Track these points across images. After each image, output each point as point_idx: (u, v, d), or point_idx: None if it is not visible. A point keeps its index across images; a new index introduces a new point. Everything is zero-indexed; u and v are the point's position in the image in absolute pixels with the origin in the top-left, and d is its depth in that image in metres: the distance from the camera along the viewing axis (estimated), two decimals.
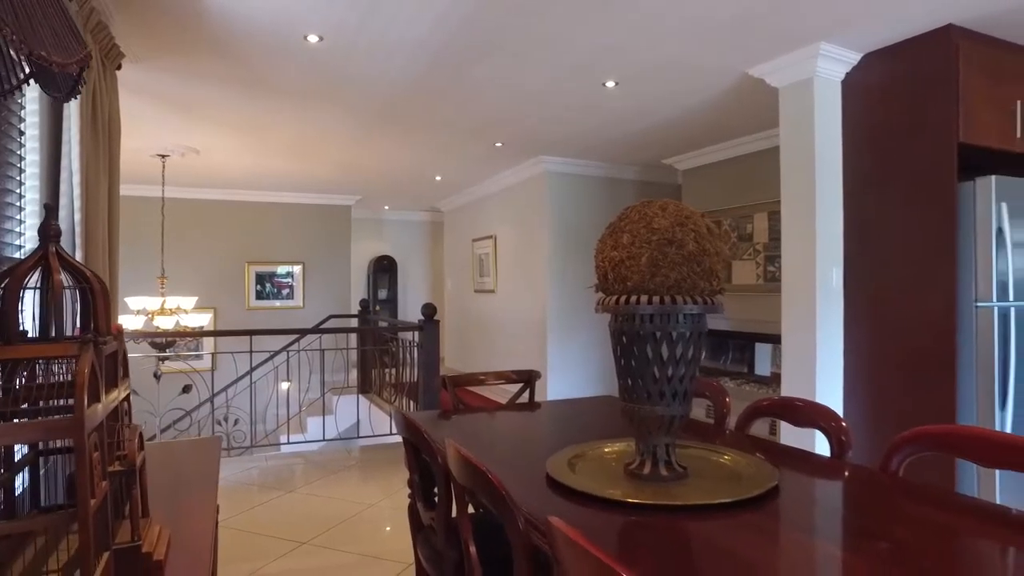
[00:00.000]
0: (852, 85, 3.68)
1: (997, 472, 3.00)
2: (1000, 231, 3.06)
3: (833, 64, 3.62)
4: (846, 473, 1.77)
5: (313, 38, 3.38)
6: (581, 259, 6.59)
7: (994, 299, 3.06)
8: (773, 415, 2.16)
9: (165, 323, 5.66)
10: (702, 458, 1.81)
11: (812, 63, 3.57)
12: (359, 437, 5.79)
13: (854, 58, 3.63)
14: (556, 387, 6.49)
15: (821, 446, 2.87)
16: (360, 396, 7.29)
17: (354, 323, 8.34)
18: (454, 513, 1.71)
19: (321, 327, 8.00)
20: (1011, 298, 3.06)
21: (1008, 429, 3.04)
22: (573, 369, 6.63)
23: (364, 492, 4.10)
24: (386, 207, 10.23)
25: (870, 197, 3.58)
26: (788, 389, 3.73)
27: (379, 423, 6.07)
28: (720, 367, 5.93)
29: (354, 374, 8.02)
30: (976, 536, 1.32)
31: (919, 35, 3.35)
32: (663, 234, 1.59)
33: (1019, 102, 3.40)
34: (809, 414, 2.05)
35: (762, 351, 5.53)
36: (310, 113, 4.77)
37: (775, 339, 5.09)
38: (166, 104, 4.51)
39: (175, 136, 5.38)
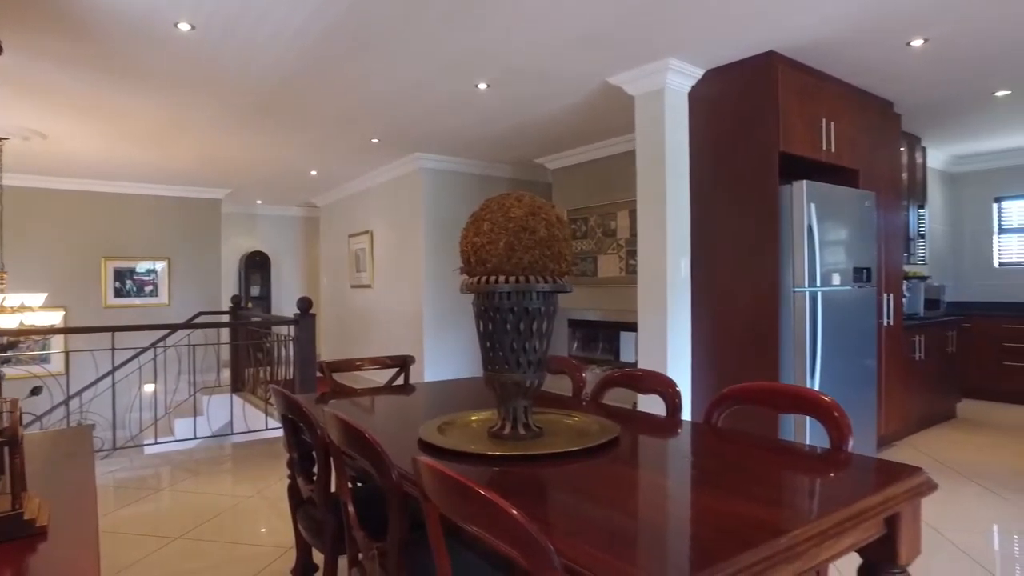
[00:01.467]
0: (697, 97, 4.14)
1: (807, 419, 3.53)
2: (810, 228, 3.59)
3: (681, 77, 4.05)
4: (677, 428, 2.09)
5: (184, 26, 3.35)
6: (456, 254, 6.80)
7: (806, 285, 3.59)
8: (621, 385, 2.46)
9: (6, 323, 5.25)
10: (556, 421, 2.07)
11: (663, 75, 3.98)
12: (233, 434, 5.67)
13: (698, 73, 4.09)
14: (433, 376, 6.67)
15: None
16: (233, 395, 7.09)
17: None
18: (333, 487, 1.85)
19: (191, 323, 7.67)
20: (819, 284, 3.61)
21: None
22: (449, 358, 6.84)
23: (238, 486, 4.08)
24: (259, 201, 9.94)
25: (712, 196, 4.05)
26: (643, 368, 4.13)
27: (254, 420, 5.96)
28: (591, 356, 6.35)
29: (226, 373, 7.77)
30: (761, 462, 1.65)
31: (748, 57, 3.85)
32: (518, 222, 1.82)
33: (824, 119, 3.99)
34: (649, 382, 2.37)
35: (627, 339, 5.99)
36: (178, 102, 4.64)
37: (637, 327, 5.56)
38: (10, 84, 4.23)
39: (17, 118, 5.01)
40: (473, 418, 2.10)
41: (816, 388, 3.58)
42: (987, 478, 4.00)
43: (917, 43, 3.66)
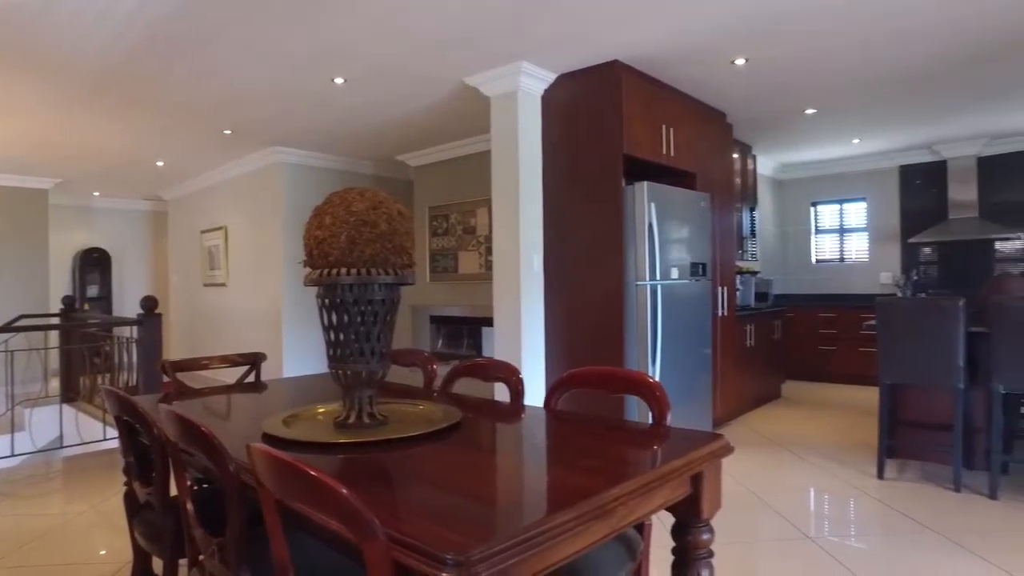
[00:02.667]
0: (549, 100, 4.34)
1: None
2: (651, 226, 3.89)
3: (534, 81, 4.23)
4: (519, 412, 2.22)
5: None
6: None
7: (647, 279, 3.88)
8: (468, 375, 2.56)
9: None
10: (403, 410, 2.13)
11: (516, 78, 4.14)
12: (63, 448, 5.20)
13: (551, 77, 4.29)
14: (295, 374, 6.46)
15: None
16: (64, 406, 6.47)
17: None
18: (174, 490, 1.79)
19: (11, 325, 6.91)
20: (659, 278, 3.92)
21: (656, 379, 3.88)
22: (310, 355, 6.67)
23: (71, 503, 3.77)
24: (96, 193, 9.12)
25: (563, 195, 4.26)
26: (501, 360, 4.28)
27: (89, 431, 5.49)
28: (456, 352, 6.44)
29: (57, 383, 7.07)
30: (590, 438, 1.81)
31: (595, 65, 4.09)
32: (360, 216, 1.85)
33: (664, 125, 4.33)
34: (492, 370, 2.48)
35: (489, 334, 6.13)
36: None
37: None
38: None
39: None
40: (320, 410, 2.10)
41: (657, 374, 3.89)
42: (799, 447, 4.53)
43: (740, 62, 4.07)
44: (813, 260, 7.89)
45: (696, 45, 3.80)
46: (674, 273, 4.09)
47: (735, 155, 6.16)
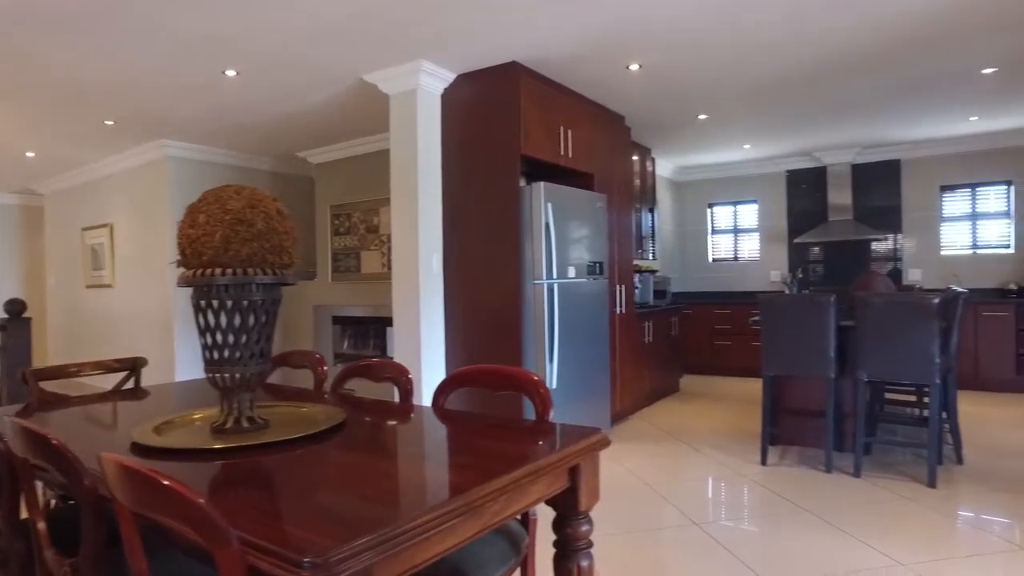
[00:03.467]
0: (449, 99, 4.33)
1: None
2: (548, 225, 3.96)
3: (434, 80, 4.21)
4: (408, 412, 2.21)
5: None
6: None
7: (544, 278, 3.96)
8: (357, 375, 2.53)
9: None
10: (286, 412, 2.07)
11: (415, 77, 4.11)
12: None
13: (450, 77, 4.28)
14: (187, 379, 6.16)
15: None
16: None
17: None
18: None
19: None
20: (555, 277, 4.00)
21: (554, 377, 3.97)
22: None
23: None
24: None
25: (462, 194, 4.27)
26: (399, 360, 4.24)
27: None
28: (362, 352, 6.32)
29: None
30: (473, 436, 1.82)
31: (494, 66, 4.13)
32: (235, 214, 1.79)
33: (562, 127, 4.42)
34: (381, 370, 2.47)
35: (392, 334, 6.06)
36: None
37: None
38: None
39: None
40: (196, 416, 2.02)
41: (554, 372, 3.97)
42: (693, 438, 4.74)
43: (634, 67, 4.22)
44: (710, 259, 8.29)
45: (592, 50, 3.91)
46: (571, 272, 4.19)
47: (634, 157, 6.37)
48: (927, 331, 3.59)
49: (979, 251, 6.82)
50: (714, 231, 8.30)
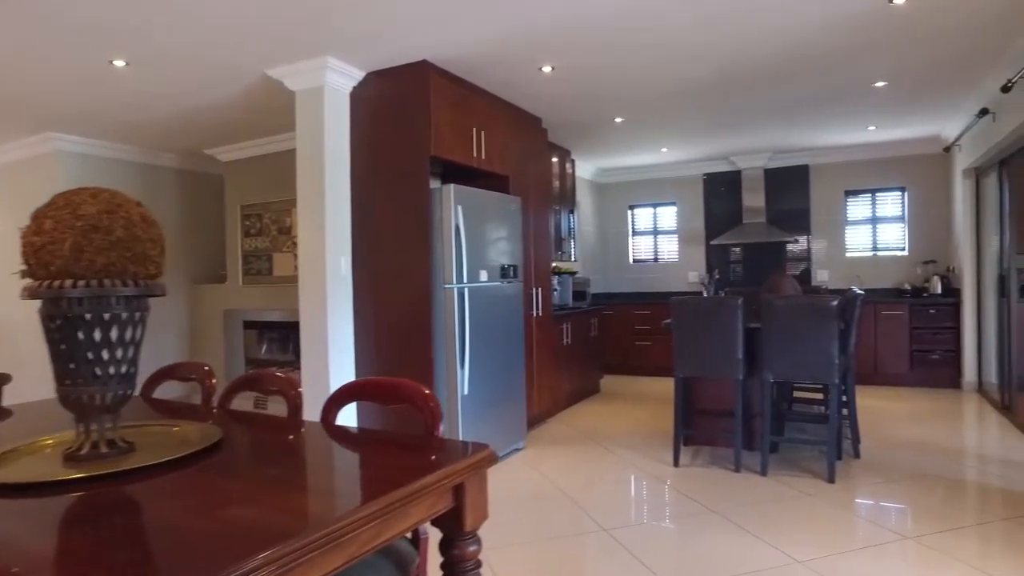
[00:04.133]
0: (359, 98, 4.20)
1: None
2: (458, 228, 3.89)
3: (342, 77, 4.07)
4: (297, 428, 2.09)
5: None
6: None
7: (454, 281, 3.88)
8: (245, 388, 2.39)
9: None
10: (158, 433, 1.92)
11: (321, 73, 3.95)
12: None
13: (360, 75, 4.15)
14: None
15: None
16: None
17: None
18: None
19: None
20: (466, 280, 3.93)
21: (466, 383, 3.90)
22: None
23: None
24: None
25: (372, 196, 4.14)
26: (307, 368, 4.08)
27: None
28: (281, 358, 6.07)
29: None
30: (354, 453, 1.73)
31: (404, 65, 4.02)
32: (89, 220, 1.64)
33: (475, 128, 4.35)
34: (268, 383, 2.33)
35: None
36: None
37: None
38: None
39: None
40: (47, 442, 1.84)
41: (466, 377, 3.90)
42: (610, 440, 4.77)
43: (547, 69, 4.19)
44: (631, 260, 8.41)
45: (504, 50, 3.86)
46: (483, 276, 4.12)
47: (554, 159, 6.38)
48: (827, 332, 3.71)
49: (879, 253, 7.18)
50: (635, 232, 8.43)
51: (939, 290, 6.58)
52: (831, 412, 3.79)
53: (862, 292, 4.45)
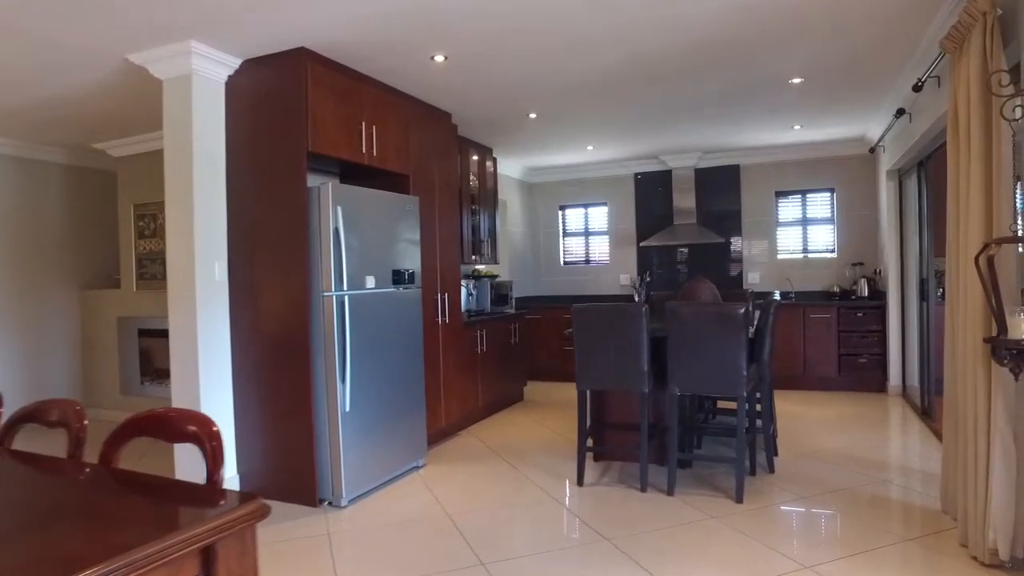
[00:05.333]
0: (236, 88, 3.82)
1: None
2: (337, 231, 3.55)
3: (213, 65, 3.69)
4: (63, 471, 1.74)
5: None
6: None
7: (333, 289, 3.54)
8: (26, 421, 2.02)
9: None
10: None
11: (187, 59, 3.57)
12: None
13: (235, 63, 3.78)
14: None
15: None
16: None
17: None
18: None
19: None
20: (346, 288, 3.59)
21: (348, 399, 3.57)
22: None
23: None
24: None
25: (250, 196, 3.78)
26: (177, 387, 3.70)
27: None
28: None
29: None
30: (92, 502, 1.39)
31: (280, 52, 3.66)
32: None
33: (364, 123, 4.01)
34: (47, 413, 1.98)
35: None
36: None
37: None
38: None
39: None
40: None
41: (347, 392, 3.56)
42: (518, 456, 4.49)
43: (439, 58, 3.88)
44: (562, 263, 8.15)
45: (387, 34, 3.53)
46: (370, 282, 3.79)
47: (473, 157, 6.08)
48: (734, 342, 3.48)
49: (809, 255, 7.06)
50: (566, 234, 8.18)
51: (866, 293, 6.48)
52: (739, 427, 3.57)
53: (778, 299, 4.27)
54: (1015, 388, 2.63)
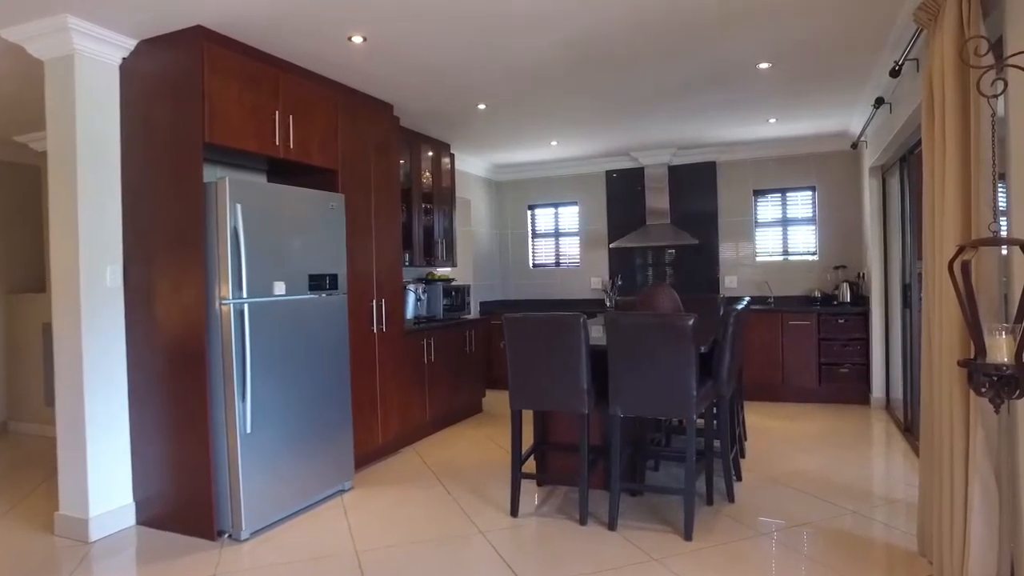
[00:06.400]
0: (131, 72, 3.42)
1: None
2: (236, 231, 3.14)
3: (102, 45, 3.28)
4: None
5: None
6: None
7: (231, 296, 3.13)
8: None
9: None
10: None
11: (67, 37, 3.16)
12: None
13: (129, 43, 3.37)
14: None
15: None
16: None
17: None
18: None
19: None
20: (246, 295, 3.18)
21: (248, 420, 3.16)
22: None
23: None
24: None
25: (148, 191, 3.37)
26: (61, 407, 3.29)
27: None
28: None
29: None
30: None
31: (176, 32, 3.26)
32: None
33: (279, 112, 3.60)
34: None
35: None
36: None
37: None
38: None
39: None
40: None
41: (247, 413, 3.15)
42: (458, 478, 4.08)
43: (357, 39, 3.48)
44: (531, 265, 7.74)
45: (292, 11, 3.12)
46: (279, 288, 3.38)
47: (428, 153, 5.68)
48: (681, 356, 3.07)
49: (790, 258, 6.65)
50: (535, 235, 7.76)
51: (848, 298, 6.07)
52: (687, 454, 3.15)
53: (741, 306, 3.86)
54: (996, 420, 2.23)
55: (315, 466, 3.62)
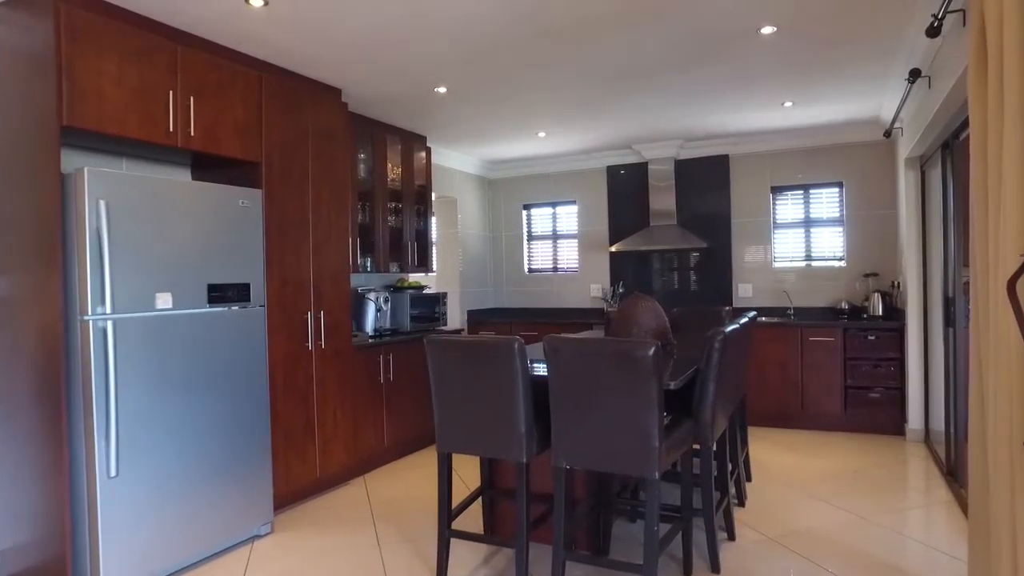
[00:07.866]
0: None
1: None
2: (98, 232, 2.59)
3: None
4: None
5: None
6: None
7: (91, 312, 2.58)
8: None
9: None
10: None
11: None
12: None
13: None
14: None
15: None
16: None
17: None
18: None
19: None
20: (111, 310, 2.62)
21: (113, 461, 2.60)
22: None
23: None
24: None
25: (3, 184, 2.85)
26: None
27: None
28: None
29: None
30: None
31: None
32: None
33: (174, 93, 3.04)
34: None
35: None
36: None
37: None
38: None
39: None
40: None
41: (112, 453, 2.59)
42: (397, 519, 3.48)
43: (258, 4, 2.89)
44: (526, 269, 7.07)
45: None
46: (163, 301, 2.82)
47: (397, 146, 5.09)
48: (640, 395, 2.40)
49: (813, 264, 5.86)
50: (531, 237, 7.09)
51: (880, 311, 5.27)
52: (647, 527, 2.46)
53: (737, 326, 3.16)
54: None
55: (217, 510, 3.05)
